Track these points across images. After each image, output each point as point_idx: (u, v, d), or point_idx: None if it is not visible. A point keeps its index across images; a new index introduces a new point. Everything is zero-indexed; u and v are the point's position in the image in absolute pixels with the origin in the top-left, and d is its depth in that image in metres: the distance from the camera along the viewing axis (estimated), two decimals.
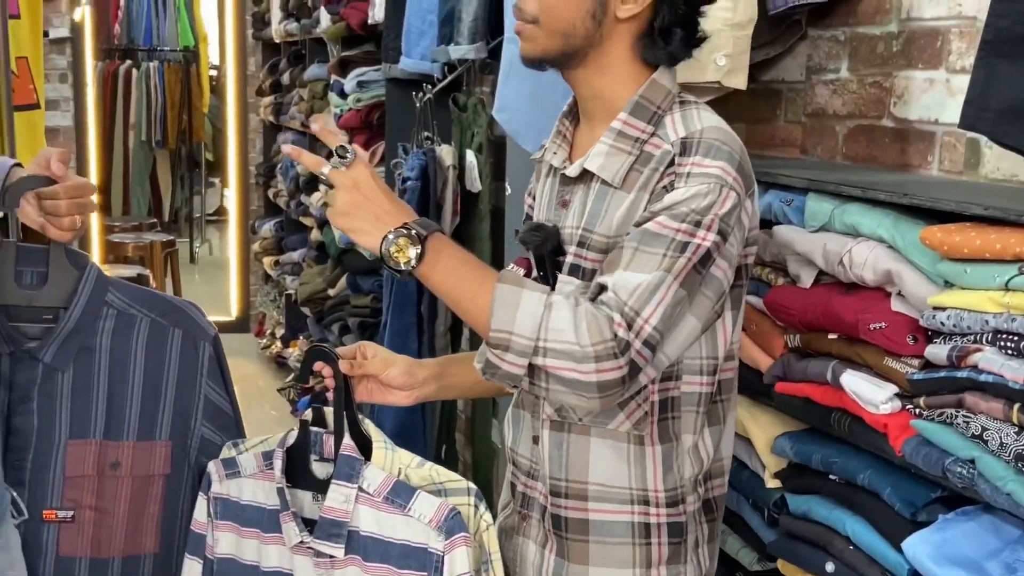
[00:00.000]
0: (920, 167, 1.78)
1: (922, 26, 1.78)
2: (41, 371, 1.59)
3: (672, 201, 1.32)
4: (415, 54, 3.25)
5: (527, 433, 1.52)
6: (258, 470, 1.51)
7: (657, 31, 1.41)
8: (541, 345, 1.26)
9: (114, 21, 7.78)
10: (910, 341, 1.47)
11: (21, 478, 1.58)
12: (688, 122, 1.40)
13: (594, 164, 1.42)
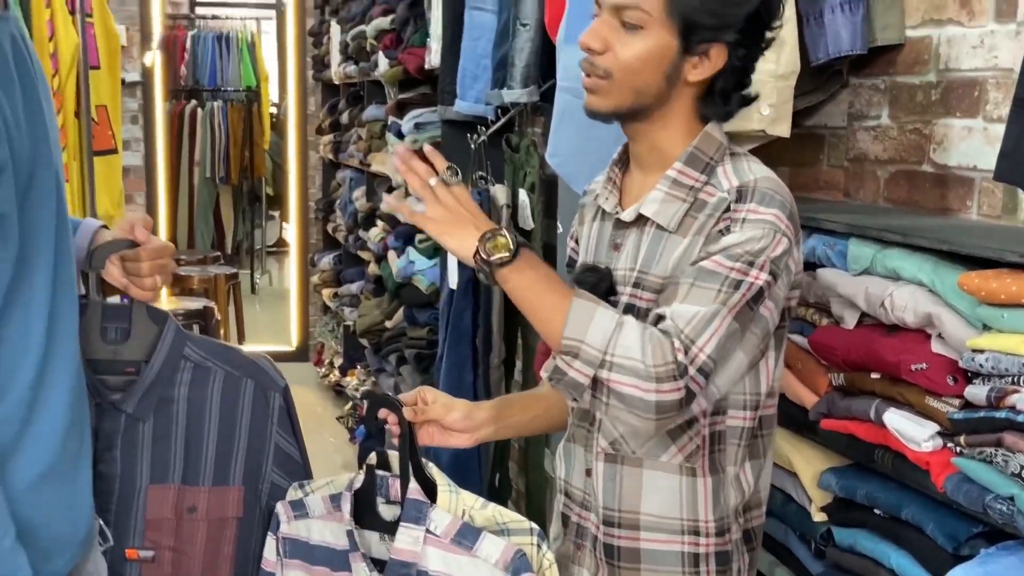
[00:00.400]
0: (960, 211, 1.79)
1: (960, 76, 1.79)
2: (124, 421, 1.65)
3: (728, 243, 1.36)
4: (469, 97, 3.30)
5: (580, 466, 1.56)
6: (326, 512, 1.54)
7: (718, 92, 1.47)
8: (608, 359, 1.31)
9: (180, 63, 7.95)
10: (950, 382, 1.48)
11: (107, 519, 1.64)
12: (740, 172, 1.45)
13: (650, 210, 1.46)
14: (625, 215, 1.50)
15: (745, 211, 1.39)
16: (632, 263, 1.49)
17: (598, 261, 1.55)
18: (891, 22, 1.89)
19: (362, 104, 5.26)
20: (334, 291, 5.84)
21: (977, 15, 1.76)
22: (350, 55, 5.03)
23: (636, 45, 1.42)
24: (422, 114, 4.01)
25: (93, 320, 1.63)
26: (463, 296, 3.29)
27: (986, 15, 1.74)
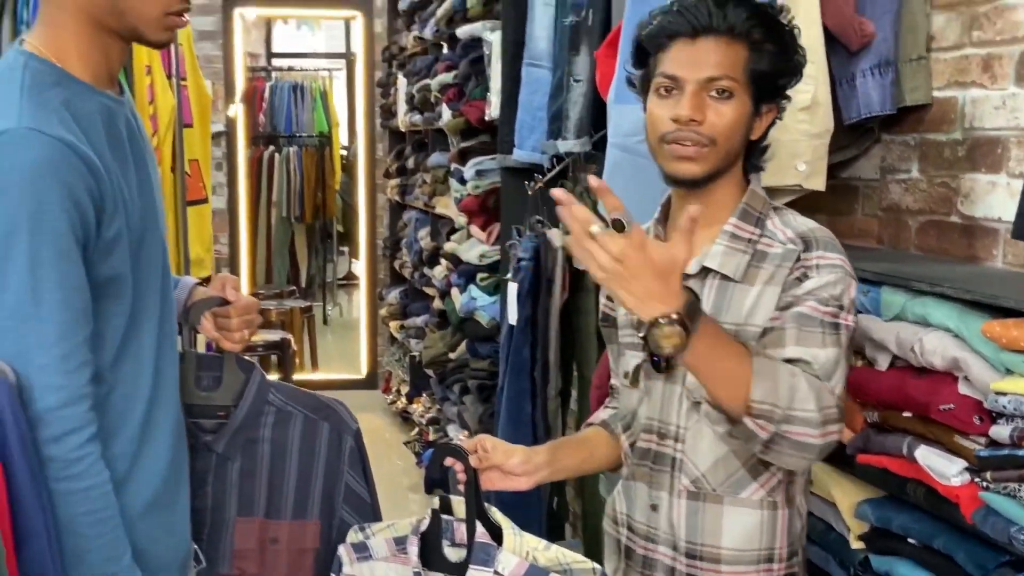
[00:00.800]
0: (986, 260, 1.81)
1: (984, 135, 1.82)
2: (215, 460, 1.72)
3: (812, 287, 1.42)
4: (527, 146, 3.35)
5: (643, 502, 1.57)
6: (390, 554, 1.52)
7: (760, 148, 1.53)
8: (790, 414, 1.31)
9: (259, 112, 8.13)
10: (976, 421, 1.50)
11: (200, 547, 1.71)
12: (789, 224, 1.50)
13: (714, 262, 1.49)
14: (688, 268, 1.48)
15: (816, 258, 1.44)
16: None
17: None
18: (919, 84, 1.92)
19: (427, 151, 5.30)
20: (401, 323, 5.88)
21: (999, 79, 1.78)
22: (416, 105, 5.09)
23: (730, 112, 1.44)
24: (482, 161, 4.03)
25: (189, 369, 1.70)
26: (522, 332, 3.32)
27: (1007, 79, 1.77)
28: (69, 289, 1.35)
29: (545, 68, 3.26)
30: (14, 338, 1.34)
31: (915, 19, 1.91)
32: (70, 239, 1.34)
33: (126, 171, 1.46)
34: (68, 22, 1.41)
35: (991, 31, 1.80)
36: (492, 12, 3.81)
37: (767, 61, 1.45)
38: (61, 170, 1.32)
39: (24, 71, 1.38)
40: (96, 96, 1.44)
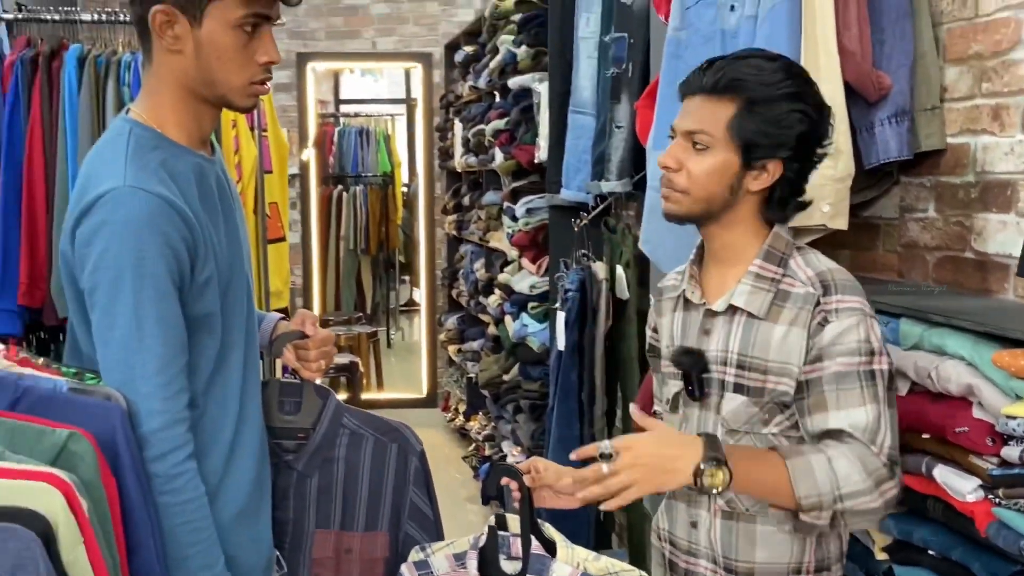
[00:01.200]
0: (998, 292, 1.81)
1: (995, 178, 1.82)
2: (295, 477, 1.77)
3: (835, 335, 1.43)
4: (573, 186, 3.40)
5: (683, 519, 1.60)
6: (451, 569, 1.54)
7: (777, 200, 1.53)
8: (839, 494, 1.38)
9: (329, 154, 8.27)
10: (989, 443, 1.50)
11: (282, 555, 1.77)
12: (811, 263, 1.51)
13: (740, 300, 1.52)
14: (716, 305, 1.54)
15: (835, 302, 1.46)
16: (726, 345, 1.53)
17: (688, 344, 1.59)
18: (933, 131, 1.92)
19: (481, 189, 5.35)
20: (458, 347, 5.91)
21: (1007, 127, 1.79)
22: (471, 148, 5.14)
23: (704, 163, 1.48)
24: (532, 200, 4.09)
25: (272, 395, 1.76)
26: (569, 357, 3.36)
27: (1015, 127, 1.78)
28: (168, 326, 1.43)
29: (589, 115, 3.31)
30: (122, 369, 1.43)
31: (929, 72, 1.93)
32: (167, 282, 1.42)
33: (216, 221, 1.54)
34: (167, 93, 1.50)
35: (999, 83, 1.81)
36: (540, 64, 3.86)
37: (752, 120, 1.45)
38: (159, 222, 1.41)
39: (129, 136, 1.48)
40: (190, 156, 1.52)
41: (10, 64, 2.87)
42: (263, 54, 1.49)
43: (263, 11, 1.47)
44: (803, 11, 1.83)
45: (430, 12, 6.63)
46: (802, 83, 1.49)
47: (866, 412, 1.40)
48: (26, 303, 2.84)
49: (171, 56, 1.47)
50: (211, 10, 1.44)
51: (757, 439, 1.51)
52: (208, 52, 1.46)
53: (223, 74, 1.48)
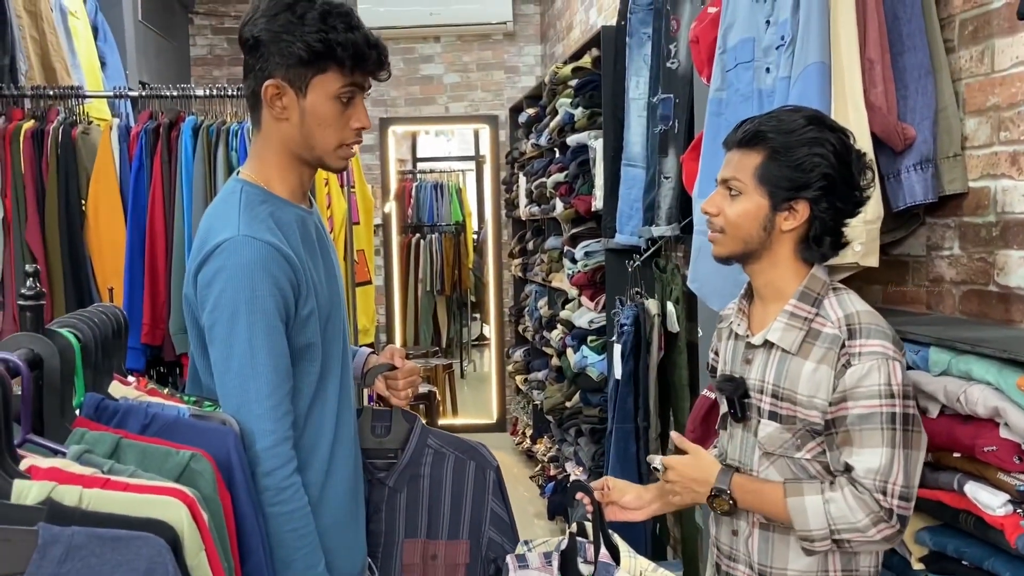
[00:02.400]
0: (1020, 322, 1.78)
1: (1015, 217, 1.80)
2: (386, 492, 1.83)
3: (855, 379, 1.43)
4: (626, 231, 3.41)
5: (726, 528, 1.62)
6: (540, 565, 1.62)
7: (812, 239, 1.53)
8: (834, 529, 1.42)
9: (408, 206, 8.41)
10: (1016, 461, 1.48)
11: (375, 563, 1.82)
12: (844, 304, 1.50)
13: (775, 336, 1.53)
14: (755, 339, 1.56)
15: (858, 346, 1.45)
16: (763, 376, 1.55)
17: (733, 371, 1.62)
18: (956, 177, 1.90)
19: (543, 235, 5.38)
20: (525, 377, 5.92)
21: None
22: (534, 199, 5.19)
23: (737, 207, 1.52)
24: (590, 244, 4.10)
25: (366, 420, 1.82)
26: (626, 385, 3.36)
27: None
28: (276, 356, 1.49)
29: (640, 168, 3.34)
30: (238, 394, 1.49)
31: (950, 123, 1.91)
32: (276, 317, 1.48)
33: (316, 263, 1.61)
34: (273, 155, 1.59)
35: (1016, 132, 1.79)
36: (595, 123, 3.90)
37: (776, 166, 1.48)
38: (269, 266, 1.47)
39: (240, 193, 1.57)
40: (292, 208, 1.60)
41: (136, 134, 3.01)
42: (356, 120, 1.56)
43: (356, 83, 1.54)
44: (832, 72, 1.83)
45: (496, 80, 6.74)
46: (822, 129, 1.50)
47: (882, 455, 1.41)
48: (148, 341, 2.95)
49: (278, 123, 1.55)
50: (314, 83, 1.51)
51: (791, 462, 1.53)
52: (310, 119, 1.53)
53: (322, 138, 1.55)
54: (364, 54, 1.52)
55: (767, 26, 2.07)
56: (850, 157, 1.50)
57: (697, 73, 2.54)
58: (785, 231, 1.51)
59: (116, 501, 1.09)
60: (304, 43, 1.48)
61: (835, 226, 1.53)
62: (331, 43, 1.48)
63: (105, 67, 3.89)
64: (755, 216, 1.51)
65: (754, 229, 1.51)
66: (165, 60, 5.77)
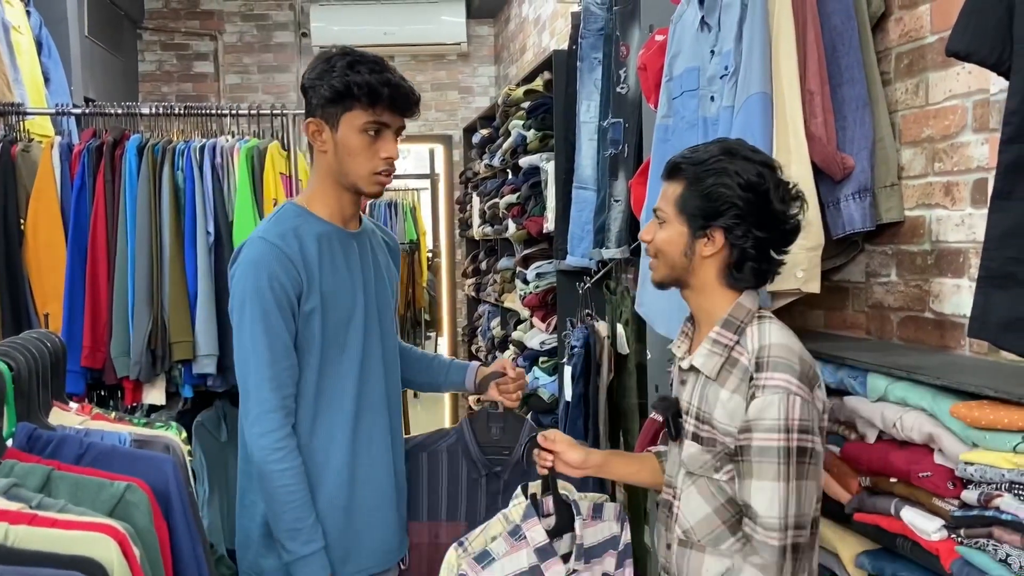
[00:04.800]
0: (955, 348, 1.82)
1: (948, 247, 1.85)
2: (501, 485, 2.05)
3: (757, 411, 1.46)
4: (577, 253, 3.42)
5: (663, 541, 1.67)
6: (510, 548, 1.71)
7: (732, 266, 1.55)
8: None
9: None
10: (950, 486, 1.51)
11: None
12: (761, 336, 1.52)
13: (698, 362, 1.57)
14: (684, 363, 1.62)
15: (764, 379, 1.47)
16: (690, 398, 1.60)
17: (673, 392, 1.68)
18: (893, 205, 1.95)
19: (496, 256, 5.39)
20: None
21: (958, 201, 1.82)
22: (487, 219, 5.20)
23: (663, 234, 1.59)
24: (542, 265, 4.12)
25: (482, 422, 2.10)
26: (576, 407, 3.36)
27: (964, 201, 1.80)
28: (271, 336, 1.73)
29: (591, 190, 3.35)
30: (242, 366, 1.75)
31: (887, 153, 1.96)
32: (273, 304, 1.73)
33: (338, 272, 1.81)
34: (317, 183, 1.86)
35: (949, 163, 1.84)
36: (547, 146, 3.93)
37: (692, 195, 1.54)
38: (270, 262, 1.73)
39: (281, 210, 1.87)
40: (322, 225, 1.83)
41: (78, 152, 2.96)
42: (384, 152, 1.80)
43: (381, 120, 1.78)
44: (775, 102, 1.87)
45: (450, 100, 6.76)
46: (732, 159, 1.52)
47: (779, 489, 1.44)
48: (88, 364, 2.88)
49: (321, 155, 1.82)
50: (344, 119, 1.77)
51: (710, 483, 1.57)
52: (342, 150, 1.79)
53: (353, 166, 1.80)
54: (377, 91, 1.75)
55: (712, 55, 2.11)
56: (764, 187, 1.51)
57: (645, 99, 2.57)
58: (705, 257, 1.56)
59: (44, 538, 1.07)
60: (330, 86, 1.76)
61: (757, 254, 1.54)
62: (350, 83, 1.74)
63: (49, 83, 3.82)
64: (677, 243, 1.56)
65: (677, 255, 1.57)
66: (112, 76, 5.69)
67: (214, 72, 6.52)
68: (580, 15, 3.38)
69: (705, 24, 2.12)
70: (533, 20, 5.52)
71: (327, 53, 1.81)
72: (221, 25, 6.56)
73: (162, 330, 2.88)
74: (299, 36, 6.58)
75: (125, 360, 2.87)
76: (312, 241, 1.80)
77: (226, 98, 6.44)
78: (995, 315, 1.33)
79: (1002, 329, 1.33)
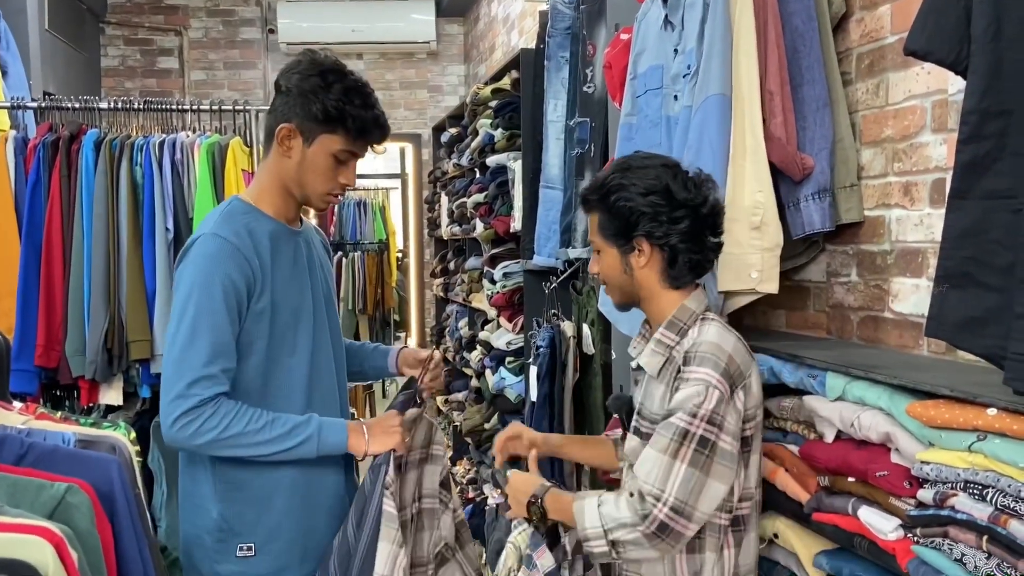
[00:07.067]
0: (913, 348, 1.83)
1: (907, 247, 1.85)
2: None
3: (677, 401, 1.52)
4: (544, 253, 3.41)
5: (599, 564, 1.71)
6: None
7: (669, 265, 1.63)
8: (606, 528, 1.50)
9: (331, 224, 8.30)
10: (907, 485, 1.50)
11: None
12: (701, 335, 1.58)
13: (643, 361, 1.64)
14: (633, 363, 1.70)
15: (689, 372, 1.54)
16: (640, 396, 1.68)
17: (628, 391, 1.72)
18: (852, 206, 1.96)
19: (464, 255, 5.33)
20: (445, 398, 5.88)
21: (916, 201, 1.83)
22: (455, 219, 5.17)
23: (602, 263, 1.68)
24: (509, 265, 4.10)
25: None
26: (541, 407, 3.34)
27: (923, 201, 1.81)
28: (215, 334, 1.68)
29: (558, 190, 3.34)
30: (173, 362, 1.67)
31: (847, 154, 1.97)
32: (221, 303, 1.69)
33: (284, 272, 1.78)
34: (267, 181, 1.84)
35: (908, 163, 1.85)
36: (515, 145, 3.91)
37: (605, 220, 1.63)
38: (226, 261, 1.71)
39: (229, 205, 1.84)
40: (271, 223, 1.81)
41: (33, 147, 2.89)
42: (344, 178, 1.81)
43: (355, 151, 1.80)
44: (734, 102, 1.87)
45: (419, 98, 6.73)
46: (624, 174, 1.62)
47: (660, 462, 1.49)
48: (42, 363, 2.82)
49: (281, 159, 1.80)
50: (321, 139, 1.76)
51: None
52: (308, 165, 1.78)
53: (312, 183, 1.80)
54: (369, 130, 1.78)
55: (675, 54, 2.10)
56: (663, 184, 1.59)
57: (611, 98, 2.56)
58: (642, 268, 1.64)
59: None
60: (322, 105, 1.73)
61: (686, 246, 1.61)
62: (345, 113, 1.74)
63: (6, 76, 3.74)
64: (614, 266, 1.67)
65: (618, 276, 1.68)
66: (74, 71, 5.59)
67: (179, 68, 6.43)
68: (548, 14, 3.36)
69: (669, 23, 2.11)
70: (502, 19, 5.50)
71: (318, 62, 1.78)
72: (186, 20, 6.47)
73: (119, 329, 2.83)
74: (266, 32, 6.51)
75: (81, 359, 2.81)
76: (265, 239, 1.78)
77: (191, 95, 6.36)
78: (952, 314, 1.33)
79: (958, 328, 1.33)
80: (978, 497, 1.33)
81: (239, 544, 1.77)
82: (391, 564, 1.69)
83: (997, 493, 1.30)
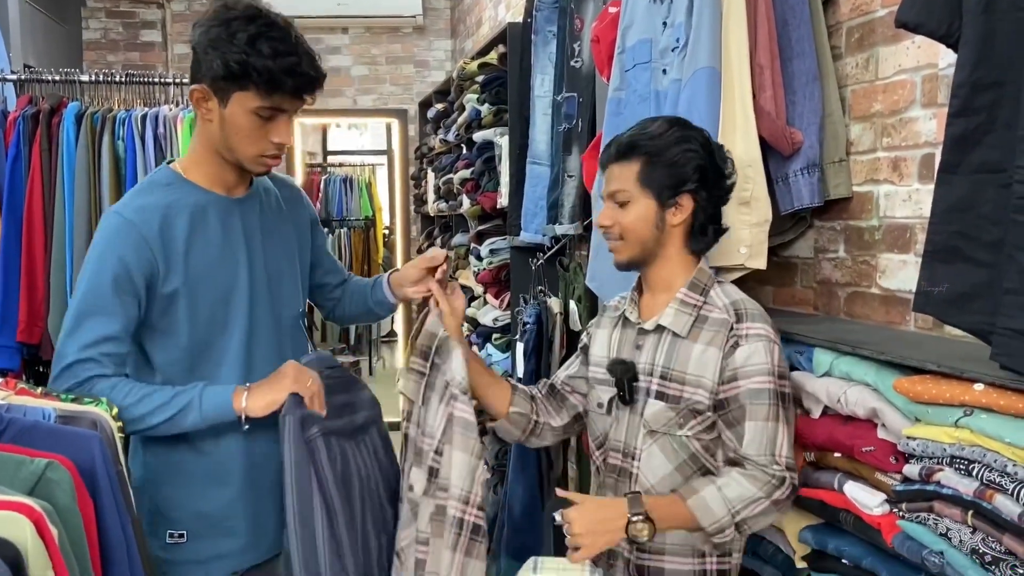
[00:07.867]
0: (901, 324, 1.83)
1: (895, 222, 1.85)
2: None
3: (744, 357, 1.54)
4: (531, 229, 3.39)
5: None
6: None
7: (697, 229, 1.63)
8: (735, 510, 1.50)
9: (316, 200, 8.26)
10: (892, 461, 1.51)
11: None
12: (728, 294, 1.63)
13: (667, 321, 1.63)
14: (647, 324, 1.66)
15: (745, 328, 1.57)
16: (652, 359, 1.64)
17: (624, 356, 1.68)
18: (841, 181, 1.94)
19: (451, 232, 5.33)
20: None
21: (905, 177, 1.82)
22: (442, 195, 5.14)
23: (630, 214, 1.62)
24: (495, 241, 4.09)
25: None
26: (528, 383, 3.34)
27: (911, 177, 1.80)
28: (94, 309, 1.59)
29: (544, 166, 3.31)
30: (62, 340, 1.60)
31: (836, 129, 1.95)
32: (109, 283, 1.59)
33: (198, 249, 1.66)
34: (199, 148, 1.71)
35: (897, 138, 1.84)
36: (501, 120, 3.87)
37: (654, 168, 1.59)
38: (121, 244, 1.60)
39: (153, 177, 1.72)
40: (196, 193, 1.69)
41: (13, 120, 2.84)
42: (275, 136, 1.64)
43: (275, 106, 1.61)
44: (724, 75, 1.84)
45: (405, 73, 6.66)
46: (685, 129, 1.62)
47: (768, 428, 1.52)
48: (24, 339, 2.78)
49: (204, 123, 1.67)
50: (235, 97, 1.59)
51: (672, 440, 1.61)
52: (229, 127, 1.62)
53: (239, 146, 1.64)
54: (279, 81, 1.57)
55: (664, 28, 2.08)
56: (713, 147, 1.63)
57: (599, 72, 2.53)
58: (675, 225, 1.63)
59: None
60: (222, 61, 1.56)
61: (715, 213, 1.65)
62: (248, 67, 1.55)
63: None
64: (647, 218, 1.62)
65: (648, 231, 1.63)
66: (55, 43, 5.49)
67: (162, 41, 6.34)
68: None
69: None
70: None
71: (227, 10, 1.58)
72: None
73: None
74: None
75: None
76: (183, 217, 1.65)
77: (174, 68, 6.27)
78: (939, 289, 1.32)
79: (946, 304, 1.33)
80: (964, 472, 1.33)
81: (168, 531, 1.69)
82: (469, 478, 1.56)
83: (983, 468, 1.30)
